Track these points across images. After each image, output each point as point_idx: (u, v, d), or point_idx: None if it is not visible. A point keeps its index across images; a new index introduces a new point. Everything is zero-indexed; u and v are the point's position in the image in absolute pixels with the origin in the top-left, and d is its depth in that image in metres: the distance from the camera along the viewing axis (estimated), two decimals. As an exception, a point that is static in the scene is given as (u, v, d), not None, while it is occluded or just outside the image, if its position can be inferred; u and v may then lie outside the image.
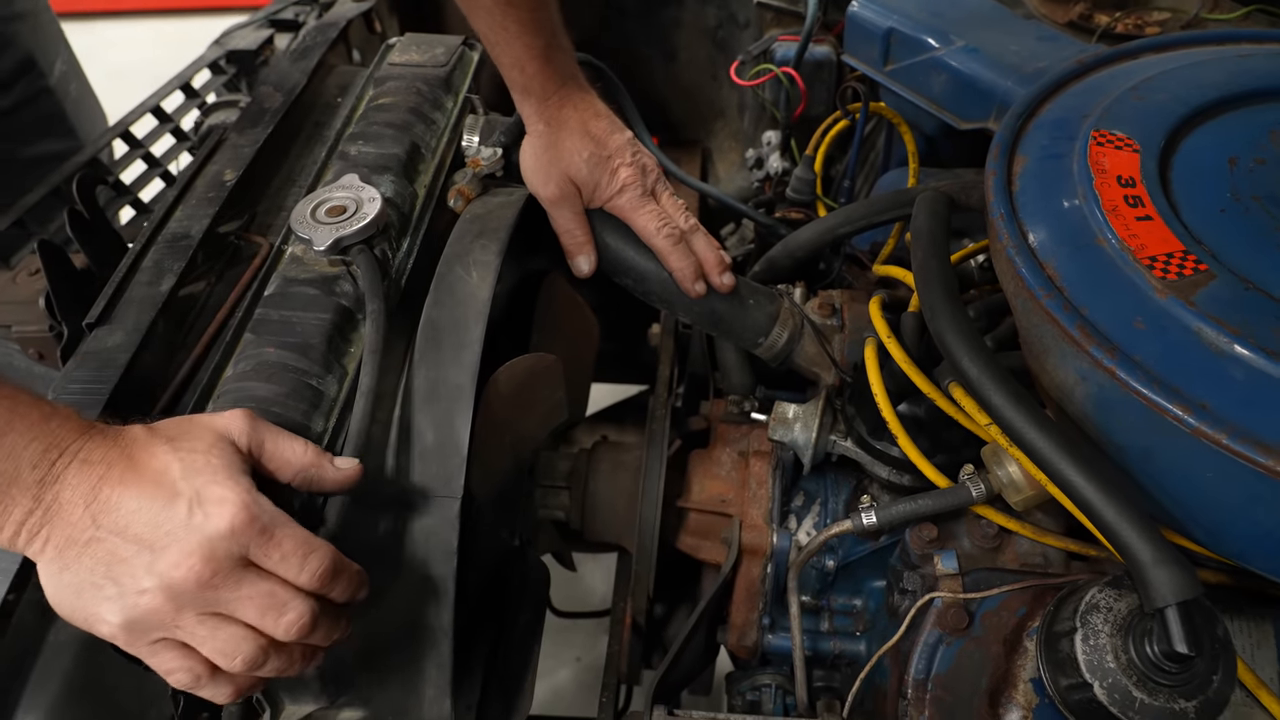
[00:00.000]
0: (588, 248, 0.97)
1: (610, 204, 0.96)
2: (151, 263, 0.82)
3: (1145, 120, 0.82)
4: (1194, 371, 0.64)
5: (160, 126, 1.32)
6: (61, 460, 0.59)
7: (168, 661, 0.59)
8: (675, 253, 0.95)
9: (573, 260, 0.98)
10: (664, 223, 0.95)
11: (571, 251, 0.98)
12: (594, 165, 0.94)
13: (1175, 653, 0.60)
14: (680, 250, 0.95)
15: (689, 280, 0.95)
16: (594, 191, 0.95)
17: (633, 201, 0.95)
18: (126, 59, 3.76)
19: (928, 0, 1.10)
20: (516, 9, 0.89)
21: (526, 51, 0.91)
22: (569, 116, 0.95)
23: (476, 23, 0.93)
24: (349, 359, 0.79)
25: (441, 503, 0.76)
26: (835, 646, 0.96)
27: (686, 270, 0.95)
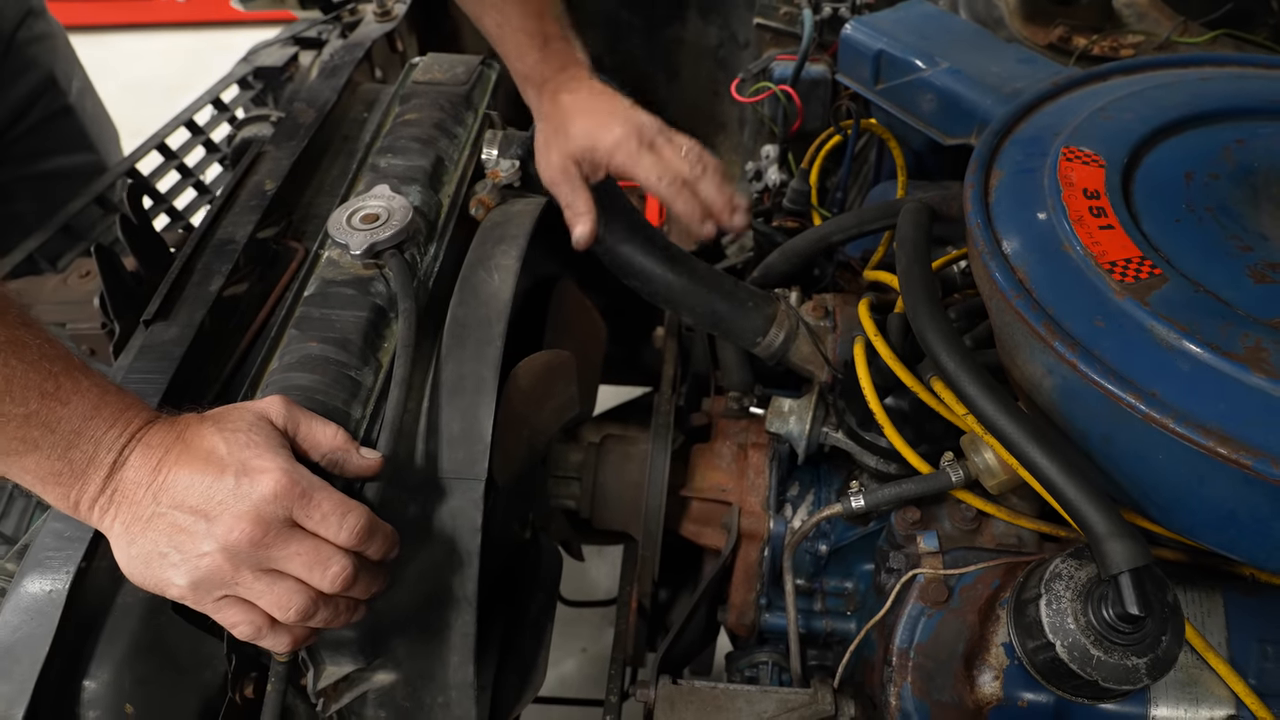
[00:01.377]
0: (586, 217, 0.99)
1: (611, 166, 0.98)
2: (201, 265, 0.90)
3: (1111, 138, 0.89)
4: (1147, 364, 0.71)
5: (192, 139, 1.40)
6: (130, 445, 0.66)
7: (232, 616, 0.67)
8: (679, 198, 0.97)
9: (572, 229, 1.01)
10: (663, 171, 0.96)
11: (571, 222, 1.01)
12: (588, 136, 0.97)
13: (1128, 614, 0.68)
14: (684, 195, 0.97)
15: (695, 222, 0.98)
16: (592, 160, 0.98)
17: (629, 157, 0.96)
18: (140, 72, 3.85)
19: (916, 24, 1.17)
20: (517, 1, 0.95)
21: (528, 40, 0.97)
22: (566, 102, 0.98)
23: (484, 20, 0.99)
24: (383, 353, 0.86)
25: (467, 484, 0.84)
26: (827, 625, 1.03)
27: (691, 214, 0.97)
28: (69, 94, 1.47)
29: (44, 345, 0.64)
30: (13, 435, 0.63)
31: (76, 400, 0.65)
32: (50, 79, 1.43)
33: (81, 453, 0.65)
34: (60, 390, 0.64)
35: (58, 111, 1.45)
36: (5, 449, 0.63)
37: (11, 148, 1.38)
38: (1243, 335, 0.70)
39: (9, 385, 0.61)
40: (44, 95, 1.43)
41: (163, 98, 1.44)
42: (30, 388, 0.62)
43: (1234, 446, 0.65)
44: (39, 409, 0.63)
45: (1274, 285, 0.75)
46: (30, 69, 1.40)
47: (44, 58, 1.42)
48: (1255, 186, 0.84)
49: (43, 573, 0.70)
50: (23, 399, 0.62)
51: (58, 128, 1.46)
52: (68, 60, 1.49)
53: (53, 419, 0.63)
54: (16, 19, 1.37)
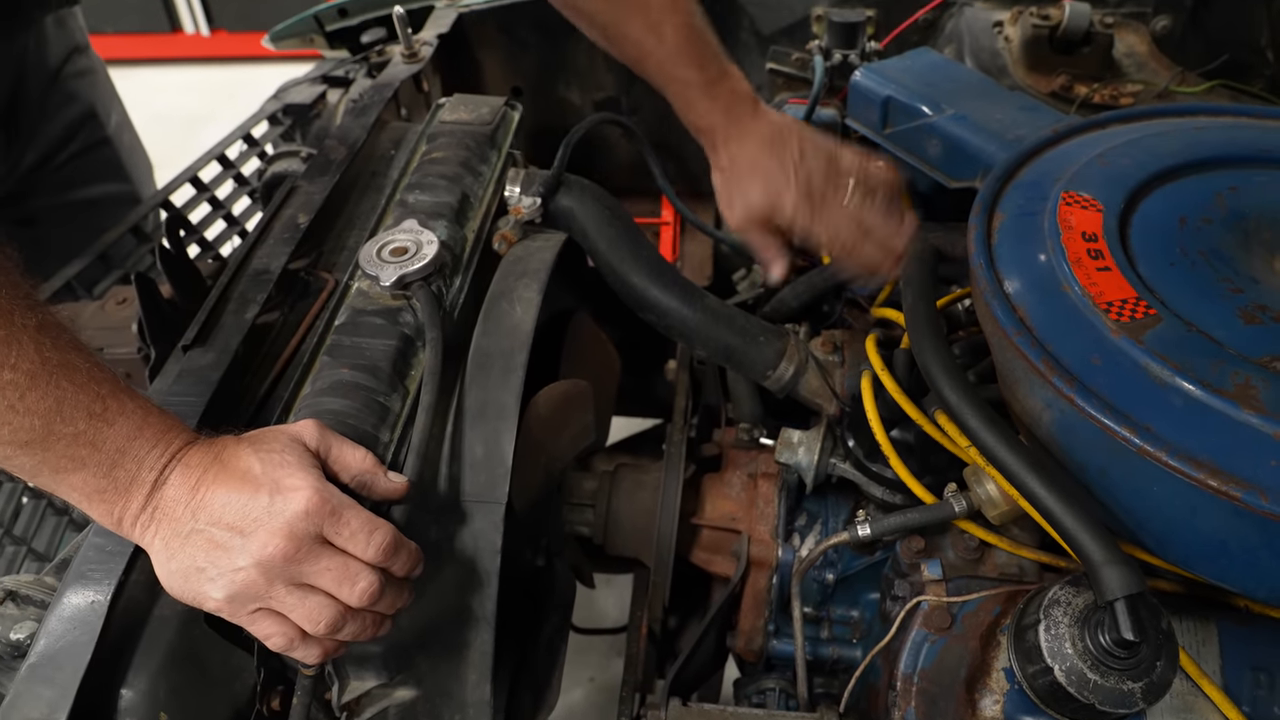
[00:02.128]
0: (780, 262, 1.10)
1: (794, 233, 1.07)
2: (237, 294, 0.94)
3: (1109, 183, 0.93)
4: (1142, 400, 0.74)
5: (223, 172, 1.45)
6: (170, 465, 0.70)
7: (266, 627, 0.70)
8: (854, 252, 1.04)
9: (769, 270, 1.11)
10: (836, 229, 1.04)
11: (767, 265, 1.11)
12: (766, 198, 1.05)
13: (1123, 640, 0.70)
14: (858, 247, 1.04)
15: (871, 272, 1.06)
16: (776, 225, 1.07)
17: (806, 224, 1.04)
18: (165, 105, 3.94)
19: (922, 72, 1.22)
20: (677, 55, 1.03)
21: (692, 92, 1.05)
22: (740, 158, 1.06)
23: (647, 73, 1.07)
24: (410, 380, 0.90)
25: (488, 507, 0.87)
26: (834, 652, 1.06)
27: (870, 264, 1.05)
28: (107, 127, 1.53)
29: (93, 369, 0.68)
30: (62, 453, 0.66)
31: (121, 421, 0.68)
32: (91, 112, 1.49)
33: (125, 471, 0.69)
34: (107, 411, 0.68)
35: (95, 143, 1.51)
36: (55, 466, 0.67)
37: (50, 176, 1.44)
38: (1233, 373, 0.74)
39: (60, 406, 0.65)
40: (84, 128, 1.49)
41: (187, 130, 1.51)
42: (79, 408, 0.66)
43: (1224, 479, 0.68)
44: (86, 429, 0.66)
45: (1264, 326, 0.78)
46: (72, 102, 1.46)
47: (85, 92, 1.48)
48: (1247, 231, 0.88)
49: (85, 585, 0.73)
50: (72, 419, 0.66)
51: (94, 158, 1.51)
52: (107, 95, 1.55)
53: (99, 439, 0.67)
54: (63, 55, 1.44)
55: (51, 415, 0.65)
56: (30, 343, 0.63)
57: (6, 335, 0.62)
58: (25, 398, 0.63)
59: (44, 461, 0.66)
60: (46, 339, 0.65)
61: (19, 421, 0.64)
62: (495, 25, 1.58)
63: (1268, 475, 0.68)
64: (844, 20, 1.40)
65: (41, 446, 0.65)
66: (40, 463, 0.66)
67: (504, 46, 1.61)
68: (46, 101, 1.41)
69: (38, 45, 1.39)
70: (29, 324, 0.64)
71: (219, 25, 4.44)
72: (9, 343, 0.62)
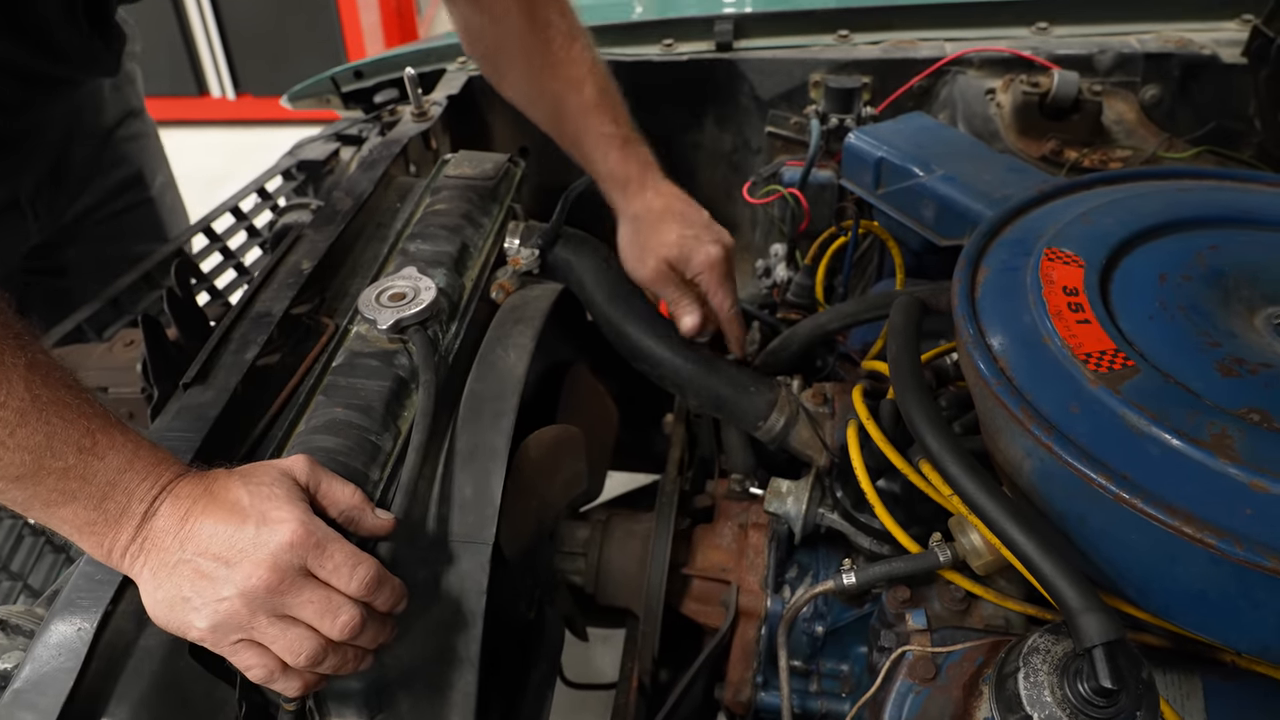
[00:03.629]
0: (695, 311, 1.14)
1: (697, 281, 1.14)
2: (238, 335, 0.97)
3: (1091, 241, 0.95)
4: (1119, 449, 0.75)
5: (236, 224, 1.49)
6: (160, 497, 0.72)
7: (247, 659, 0.71)
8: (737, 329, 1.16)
9: (680, 322, 1.15)
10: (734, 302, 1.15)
11: (678, 316, 1.15)
12: (682, 244, 1.12)
13: (1102, 688, 0.70)
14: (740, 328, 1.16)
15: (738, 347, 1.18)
16: (685, 266, 1.13)
17: (714, 281, 1.13)
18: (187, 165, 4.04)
19: (914, 135, 1.25)
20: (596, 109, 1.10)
21: (607, 142, 1.11)
22: (656, 205, 1.13)
23: (563, 127, 1.13)
24: (403, 420, 0.92)
25: (475, 548, 0.88)
26: (822, 706, 1.05)
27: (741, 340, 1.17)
28: (151, 188, 1.58)
29: (82, 405, 0.70)
30: (52, 487, 0.68)
31: (111, 455, 0.70)
32: (138, 174, 1.55)
33: (115, 504, 0.70)
34: (97, 446, 0.69)
35: (138, 204, 1.57)
36: (46, 500, 0.68)
37: (88, 230, 1.49)
38: (1209, 423, 0.74)
39: (50, 441, 0.67)
40: (130, 189, 1.55)
41: (208, 189, 1.55)
42: (69, 444, 0.68)
43: (1200, 526, 0.69)
44: (76, 463, 0.68)
45: (1240, 378, 0.79)
46: (122, 164, 1.52)
47: (135, 155, 1.54)
48: (1226, 288, 0.89)
49: (73, 613, 0.74)
50: (62, 454, 0.67)
51: (135, 218, 1.57)
52: (156, 158, 1.61)
53: (89, 472, 0.69)
54: (118, 118, 1.50)
55: (42, 450, 0.67)
56: (20, 380, 0.65)
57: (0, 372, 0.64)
58: (15, 434, 0.65)
59: (35, 495, 0.68)
60: (36, 376, 0.67)
61: (10, 457, 0.65)
62: (504, 88, 1.63)
63: (1243, 523, 0.69)
64: (840, 86, 1.45)
65: (33, 481, 0.67)
66: (31, 496, 0.68)
67: (512, 109, 1.65)
68: (97, 160, 1.47)
69: (95, 107, 1.45)
70: (19, 362, 0.66)
71: (244, 89, 4.58)
72: (2, 380, 0.64)
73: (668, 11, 1.69)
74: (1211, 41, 1.46)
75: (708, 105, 1.61)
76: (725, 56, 1.56)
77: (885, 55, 1.52)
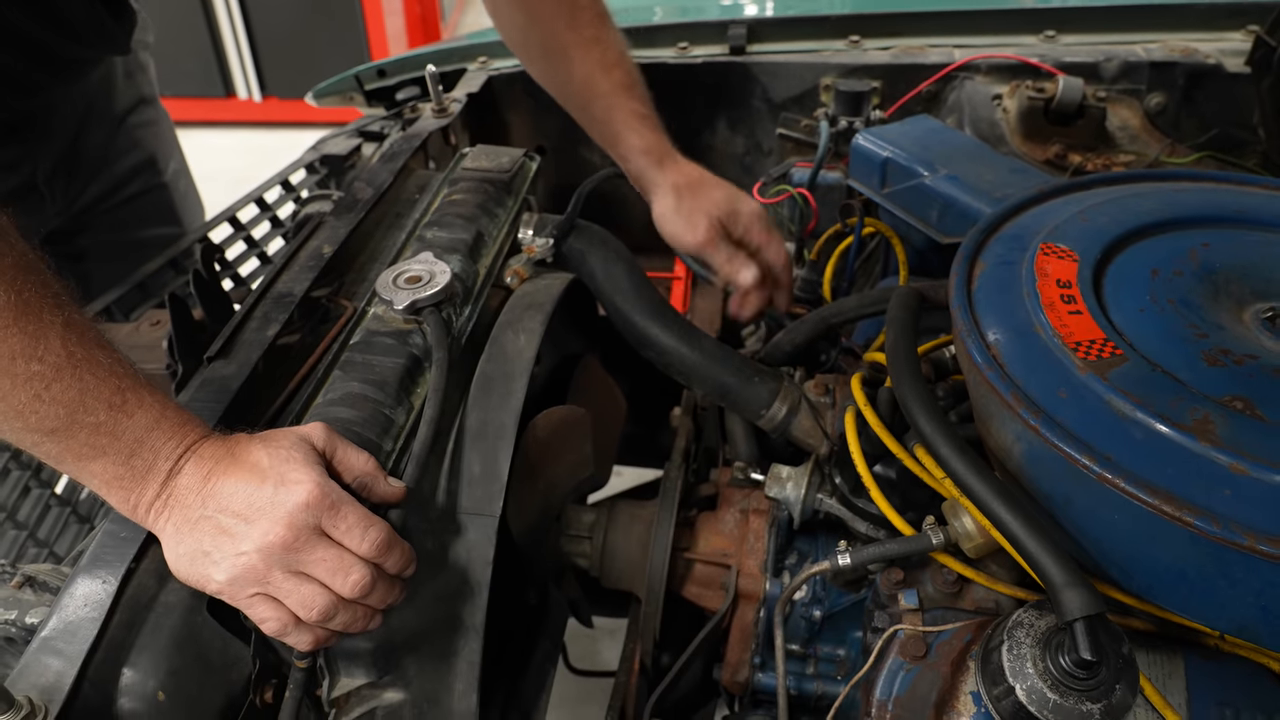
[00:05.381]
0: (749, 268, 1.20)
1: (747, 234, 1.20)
2: (261, 313, 1.01)
3: (1086, 237, 0.98)
4: (1104, 432, 0.77)
5: (260, 214, 1.54)
6: (185, 456, 0.75)
7: (263, 612, 0.74)
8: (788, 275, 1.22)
9: (739, 278, 1.21)
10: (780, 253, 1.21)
11: (735, 274, 1.21)
12: (726, 201, 1.18)
13: (1082, 660, 0.72)
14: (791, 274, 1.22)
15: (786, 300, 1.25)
16: (733, 224, 1.19)
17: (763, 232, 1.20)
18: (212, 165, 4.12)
19: (919, 137, 1.28)
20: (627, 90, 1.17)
21: (640, 122, 1.17)
22: (690, 172, 1.19)
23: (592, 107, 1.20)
24: (415, 396, 0.95)
25: (483, 520, 0.91)
26: (818, 688, 1.07)
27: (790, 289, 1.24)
28: (164, 174, 1.64)
29: (114, 364, 0.74)
30: (84, 442, 0.72)
31: (140, 414, 0.74)
32: (150, 159, 1.60)
33: (142, 461, 0.74)
34: (126, 404, 0.73)
35: (151, 188, 1.62)
36: (77, 453, 0.72)
37: (103, 216, 1.54)
38: (1192, 409, 0.77)
39: (83, 397, 0.71)
40: (142, 173, 1.60)
41: (233, 189, 1.60)
42: (101, 400, 0.71)
43: (1179, 505, 0.71)
44: (107, 420, 0.72)
45: (1225, 368, 0.82)
46: (134, 149, 1.57)
47: (147, 141, 1.60)
48: (1216, 284, 0.92)
49: (98, 568, 0.78)
50: (94, 410, 0.71)
51: (149, 202, 1.62)
52: (168, 144, 1.67)
53: (119, 429, 0.73)
54: (130, 104, 1.55)
55: (75, 406, 0.70)
56: (57, 337, 0.69)
57: (35, 330, 0.68)
58: (51, 388, 0.69)
59: (67, 449, 0.72)
60: (73, 335, 0.70)
61: (45, 410, 0.69)
62: (522, 88, 1.68)
63: (1221, 503, 0.71)
64: (850, 90, 1.48)
65: (66, 434, 0.71)
66: (64, 450, 0.72)
67: (530, 108, 1.70)
68: (109, 146, 1.52)
69: (106, 93, 1.50)
70: (56, 320, 0.70)
71: (270, 92, 4.66)
72: (37, 337, 0.68)
73: (685, 16, 1.73)
74: (1217, 51, 1.48)
75: (721, 107, 1.65)
76: (738, 60, 1.60)
77: (895, 60, 1.55)
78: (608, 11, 1.21)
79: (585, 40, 1.18)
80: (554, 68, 1.22)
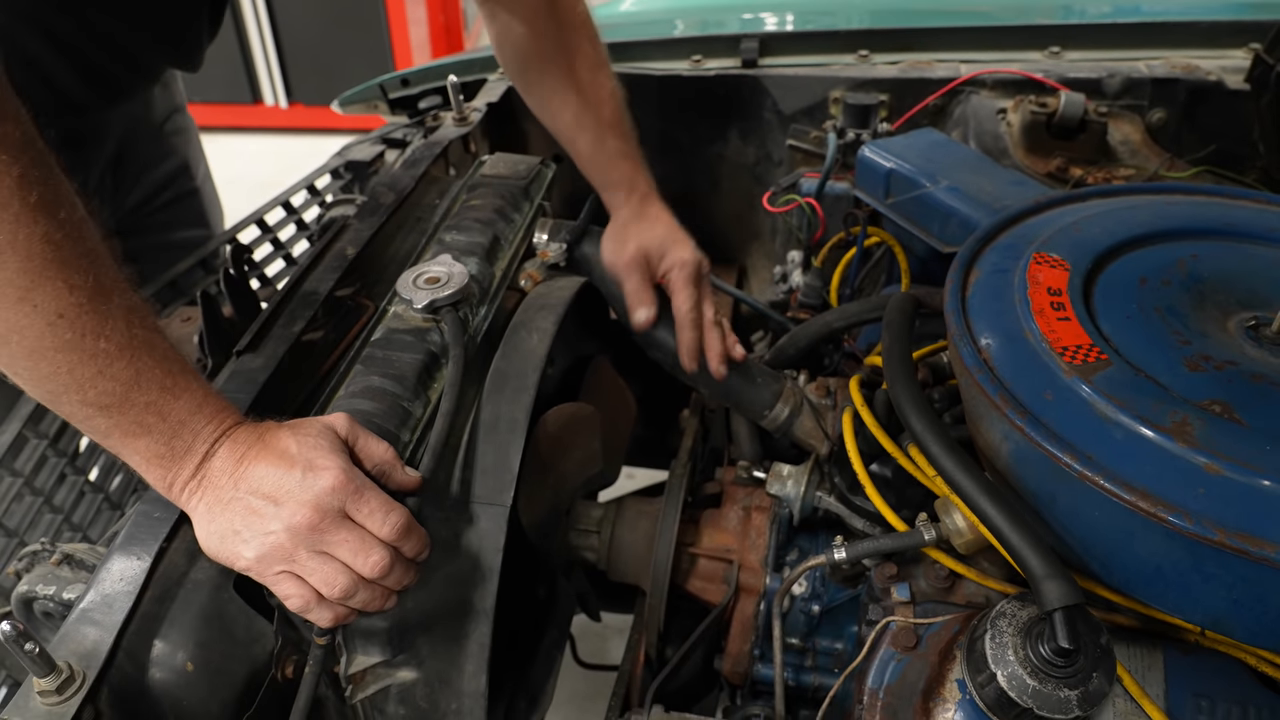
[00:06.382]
0: (649, 306, 1.21)
1: (665, 276, 1.20)
2: (287, 311, 1.06)
3: (1078, 247, 1.02)
4: (1086, 432, 0.81)
5: (287, 217, 1.60)
6: (220, 440, 0.80)
7: (287, 588, 0.79)
8: (689, 332, 1.18)
9: (634, 312, 1.21)
10: (694, 306, 1.18)
11: (633, 306, 1.21)
12: (664, 241, 1.20)
13: (1061, 648, 0.76)
14: (694, 333, 1.18)
15: (687, 356, 1.19)
16: (659, 262, 1.20)
17: (681, 279, 1.19)
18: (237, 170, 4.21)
19: (923, 149, 1.32)
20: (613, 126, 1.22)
21: (622, 156, 1.23)
22: (654, 211, 1.23)
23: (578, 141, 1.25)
24: (432, 391, 1.00)
25: (494, 510, 0.96)
26: (815, 680, 1.11)
27: (690, 347, 1.18)
28: (196, 179, 1.70)
29: (167, 349, 0.79)
30: (134, 419, 0.77)
31: (186, 397, 0.79)
32: (185, 165, 1.67)
33: (182, 441, 0.79)
34: (175, 387, 0.78)
35: (187, 193, 1.68)
36: (125, 430, 0.77)
37: (146, 219, 1.61)
38: (1171, 412, 0.81)
39: (138, 376, 0.76)
40: (178, 178, 1.66)
41: (259, 193, 1.66)
42: (153, 381, 0.76)
43: (1154, 503, 0.75)
44: (157, 399, 0.77)
45: (1206, 374, 0.85)
46: (170, 156, 1.64)
47: (181, 147, 1.66)
48: (1202, 293, 0.95)
49: (133, 546, 0.83)
50: (147, 389, 0.76)
51: (185, 207, 1.68)
52: (197, 151, 1.74)
53: (166, 409, 0.78)
54: (166, 114, 1.62)
55: (131, 384, 0.75)
56: (122, 320, 0.74)
57: (106, 311, 0.73)
58: (113, 365, 0.74)
59: (117, 425, 0.76)
60: (135, 318, 0.76)
61: (104, 386, 0.74)
62: (541, 98, 1.73)
63: (1195, 501, 0.75)
64: (858, 103, 1.52)
65: (119, 410, 0.76)
66: (114, 425, 0.76)
67: (548, 118, 1.75)
68: (150, 153, 1.59)
69: (147, 102, 1.57)
70: (123, 304, 0.75)
71: (297, 99, 4.75)
72: (107, 317, 0.73)
73: (705, 30, 1.78)
74: (1218, 68, 1.51)
75: (733, 118, 1.69)
76: (750, 73, 1.64)
77: (902, 74, 1.59)
78: (603, 52, 1.26)
79: (579, 80, 1.23)
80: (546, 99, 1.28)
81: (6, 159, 0.67)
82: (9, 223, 0.67)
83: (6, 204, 0.67)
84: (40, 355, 0.71)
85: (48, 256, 0.70)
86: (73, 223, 0.72)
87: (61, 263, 0.70)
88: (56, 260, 0.70)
